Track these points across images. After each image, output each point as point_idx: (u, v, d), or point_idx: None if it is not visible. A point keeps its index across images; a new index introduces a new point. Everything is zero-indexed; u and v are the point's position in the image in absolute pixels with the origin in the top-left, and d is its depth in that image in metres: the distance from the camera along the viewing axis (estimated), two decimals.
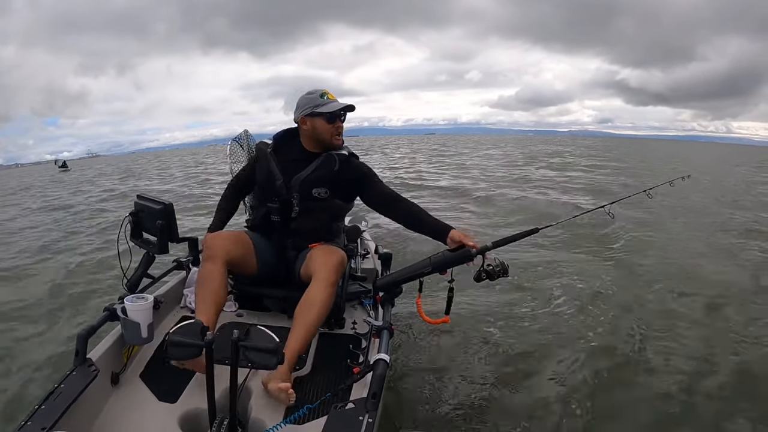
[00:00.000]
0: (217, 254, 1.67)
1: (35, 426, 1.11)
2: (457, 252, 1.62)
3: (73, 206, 10.29)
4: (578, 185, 10.61)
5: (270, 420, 1.32)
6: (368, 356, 1.59)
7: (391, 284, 1.76)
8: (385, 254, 2.41)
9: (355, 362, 1.60)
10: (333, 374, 1.57)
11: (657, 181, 2.49)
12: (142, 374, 1.54)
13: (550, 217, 6.67)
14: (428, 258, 1.66)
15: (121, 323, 1.52)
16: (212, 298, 1.59)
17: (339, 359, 1.63)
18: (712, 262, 4.16)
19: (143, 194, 1.89)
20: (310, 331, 1.56)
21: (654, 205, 4.09)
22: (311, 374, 1.58)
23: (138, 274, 1.80)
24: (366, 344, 1.69)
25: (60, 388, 1.25)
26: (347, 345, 1.72)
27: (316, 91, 1.84)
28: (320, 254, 1.74)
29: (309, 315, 1.56)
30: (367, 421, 1.15)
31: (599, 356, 2.42)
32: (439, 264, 1.64)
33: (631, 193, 2.30)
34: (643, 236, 5.07)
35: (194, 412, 1.37)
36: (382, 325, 1.59)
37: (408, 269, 1.71)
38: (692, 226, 5.88)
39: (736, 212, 6.85)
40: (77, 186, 16.41)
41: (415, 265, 1.69)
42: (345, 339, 1.77)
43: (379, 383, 1.26)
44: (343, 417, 1.18)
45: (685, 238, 5.18)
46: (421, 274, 1.67)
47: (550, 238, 4.88)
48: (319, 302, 1.58)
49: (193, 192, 11.51)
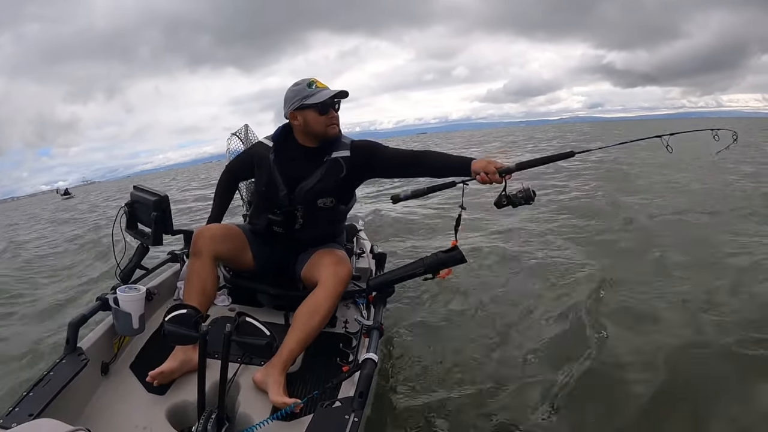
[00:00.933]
0: (203, 250, 1.64)
1: (22, 412, 1.12)
2: (449, 254, 1.64)
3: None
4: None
5: (257, 415, 1.33)
6: (357, 355, 1.60)
7: (384, 284, 1.77)
8: (380, 254, 2.42)
9: (345, 361, 1.61)
10: (322, 372, 1.58)
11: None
12: (132, 365, 1.54)
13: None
14: (421, 259, 1.68)
15: (113, 313, 1.53)
16: (198, 295, 1.58)
17: (329, 357, 1.64)
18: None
19: (139, 185, 1.89)
20: (310, 336, 1.54)
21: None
22: (300, 371, 1.59)
23: (132, 265, 1.80)
24: (356, 343, 1.70)
25: (49, 375, 1.26)
26: (338, 343, 1.73)
27: (303, 81, 1.68)
28: (329, 262, 1.65)
29: (312, 321, 1.53)
30: (353, 420, 1.16)
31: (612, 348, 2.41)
32: (432, 265, 1.65)
33: (696, 128, 1.93)
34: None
35: (182, 405, 1.38)
36: (373, 324, 1.60)
37: (401, 270, 1.72)
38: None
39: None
40: (92, 208, 16.59)
41: (408, 266, 1.71)
42: (336, 337, 1.78)
43: (367, 383, 1.27)
44: (330, 415, 1.19)
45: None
46: (414, 274, 1.68)
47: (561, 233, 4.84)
48: (324, 311, 1.55)
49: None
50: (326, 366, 1.60)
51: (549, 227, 5.22)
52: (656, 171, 8.77)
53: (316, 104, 1.64)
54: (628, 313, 2.77)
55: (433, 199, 7.75)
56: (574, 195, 7.20)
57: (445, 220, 5.84)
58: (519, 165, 1.53)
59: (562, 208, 6.17)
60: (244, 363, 1.52)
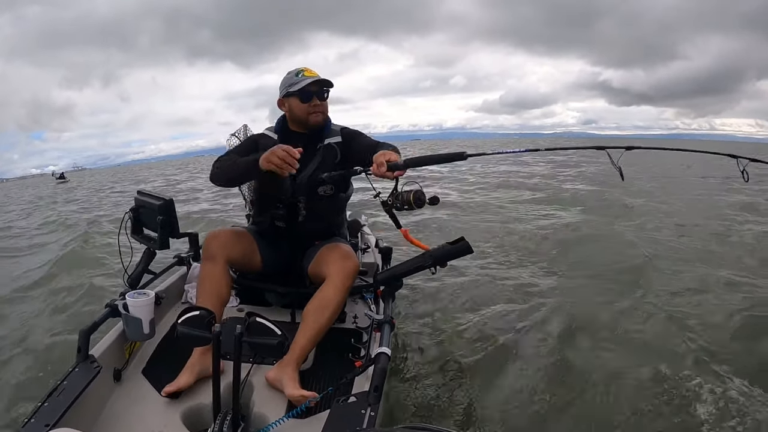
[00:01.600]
0: (217, 254, 1.65)
1: (39, 423, 1.12)
2: (456, 245, 1.63)
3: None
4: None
5: (272, 414, 1.33)
6: (370, 350, 1.59)
7: (392, 278, 1.76)
8: (386, 248, 2.42)
9: (357, 356, 1.61)
10: (335, 368, 1.58)
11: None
12: (144, 370, 1.55)
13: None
14: (428, 251, 1.67)
15: (122, 319, 1.52)
16: (213, 298, 1.58)
17: (341, 353, 1.64)
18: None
19: (143, 190, 1.89)
20: (321, 332, 1.55)
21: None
22: (313, 368, 1.59)
23: (139, 270, 1.80)
24: (367, 338, 1.70)
25: (63, 385, 1.26)
26: (349, 339, 1.72)
27: (294, 70, 1.75)
28: (335, 257, 1.66)
29: (322, 317, 1.54)
30: (369, 415, 1.16)
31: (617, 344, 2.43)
32: (439, 257, 1.64)
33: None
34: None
35: (197, 407, 1.38)
36: (384, 318, 1.59)
37: (408, 263, 1.71)
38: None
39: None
40: (94, 193, 16.74)
41: (414, 259, 1.70)
42: (346, 333, 1.78)
43: (381, 376, 1.27)
44: (346, 410, 1.19)
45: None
46: (421, 267, 1.67)
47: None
48: (334, 306, 1.56)
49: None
50: (338, 362, 1.60)
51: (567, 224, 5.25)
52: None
53: (297, 91, 1.69)
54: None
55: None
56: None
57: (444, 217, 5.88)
58: (406, 162, 1.42)
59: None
60: (257, 363, 1.52)
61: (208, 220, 7.08)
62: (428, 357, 2.37)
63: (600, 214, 6.29)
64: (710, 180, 10.62)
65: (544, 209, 6.94)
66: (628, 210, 6.51)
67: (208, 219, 7.17)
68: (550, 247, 4.51)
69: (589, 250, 4.32)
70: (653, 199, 7.48)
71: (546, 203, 7.47)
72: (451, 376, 2.18)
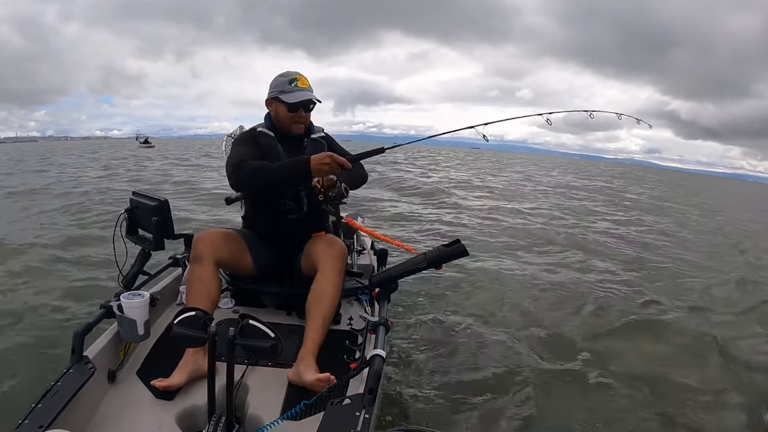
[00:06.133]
0: (204, 256, 1.65)
1: (32, 424, 1.11)
2: (451, 247, 1.64)
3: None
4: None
5: (267, 416, 1.33)
6: (364, 352, 1.60)
7: (387, 280, 1.77)
8: (381, 250, 2.42)
9: (352, 358, 1.61)
10: (329, 370, 1.57)
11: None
12: (139, 371, 1.54)
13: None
14: (423, 254, 1.67)
15: (117, 320, 1.52)
16: (203, 299, 1.58)
17: (335, 355, 1.64)
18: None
19: (138, 191, 1.88)
20: (326, 320, 1.60)
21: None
22: None
23: (134, 271, 1.79)
24: (362, 340, 1.70)
25: (57, 386, 1.25)
26: (343, 341, 1.73)
27: (288, 74, 1.80)
28: (321, 246, 1.72)
29: (323, 306, 1.60)
30: (363, 417, 1.16)
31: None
32: (434, 259, 1.65)
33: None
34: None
35: (191, 409, 1.37)
36: (378, 320, 1.59)
37: (403, 265, 1.72)
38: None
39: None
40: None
41: (410, 261, 1.70)
42: (341, 335, 1.78)
43: (376, 379, 1.27)
44: (340, 413, 1.19)
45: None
46: (417, 269, 1.68)
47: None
48: (330, 292, 1.62)
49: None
50: (333, 364, 1.60)
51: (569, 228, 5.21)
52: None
53: (288, 103, 1.77)
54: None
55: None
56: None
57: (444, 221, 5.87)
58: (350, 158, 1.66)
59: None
60: (251, 365, 1.52)
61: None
62: (423, 359, 2.37)
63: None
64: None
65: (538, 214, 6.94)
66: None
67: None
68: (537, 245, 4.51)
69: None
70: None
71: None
72: (446, 379, 2.19)
